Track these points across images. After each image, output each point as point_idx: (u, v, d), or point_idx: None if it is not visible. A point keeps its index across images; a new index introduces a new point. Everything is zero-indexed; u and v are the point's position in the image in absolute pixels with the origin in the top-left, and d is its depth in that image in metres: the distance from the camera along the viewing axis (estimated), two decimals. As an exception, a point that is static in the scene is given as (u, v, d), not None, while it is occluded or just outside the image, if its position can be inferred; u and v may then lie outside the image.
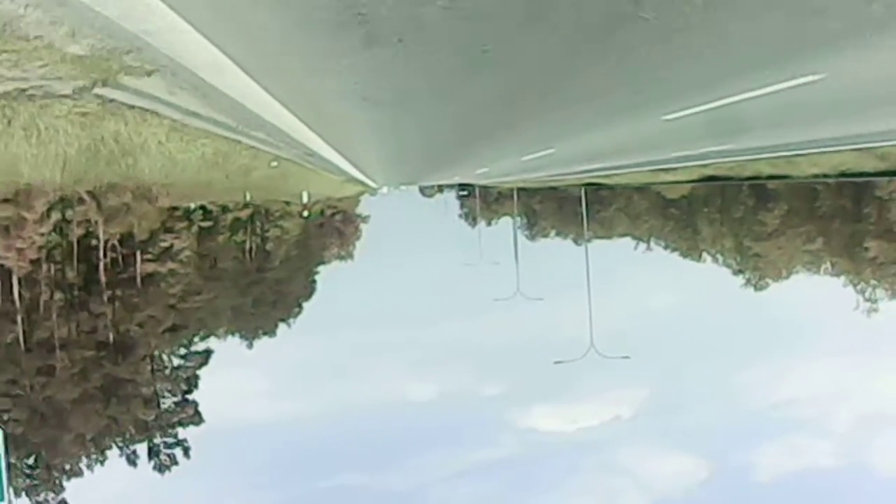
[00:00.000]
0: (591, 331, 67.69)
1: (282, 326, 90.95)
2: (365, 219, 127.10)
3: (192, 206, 70.08)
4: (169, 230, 67.45)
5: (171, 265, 67.70)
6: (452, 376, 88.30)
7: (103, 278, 59.74)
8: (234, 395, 75.59)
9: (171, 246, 67.65)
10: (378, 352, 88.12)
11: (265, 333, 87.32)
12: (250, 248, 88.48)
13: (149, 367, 65.31)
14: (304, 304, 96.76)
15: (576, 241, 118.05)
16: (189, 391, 68.79)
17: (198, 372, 69.72)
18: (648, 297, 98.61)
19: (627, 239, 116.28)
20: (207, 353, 71.82)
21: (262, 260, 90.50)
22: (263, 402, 78.50)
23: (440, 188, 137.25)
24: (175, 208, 67.07)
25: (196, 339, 72.03)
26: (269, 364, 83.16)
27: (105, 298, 59.64)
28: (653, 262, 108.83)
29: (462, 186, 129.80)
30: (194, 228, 72.04)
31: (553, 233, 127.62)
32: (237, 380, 77.15)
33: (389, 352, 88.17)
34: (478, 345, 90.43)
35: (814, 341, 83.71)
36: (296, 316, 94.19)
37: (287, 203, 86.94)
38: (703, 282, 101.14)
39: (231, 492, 69.82)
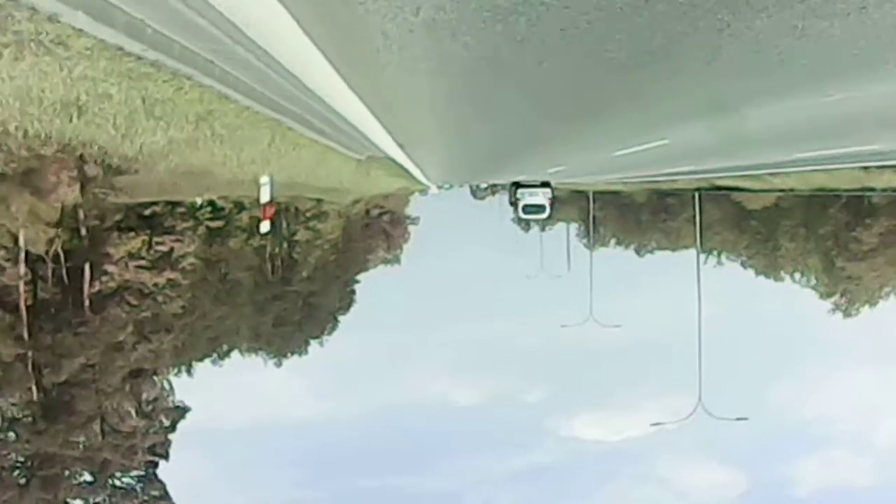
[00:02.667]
0: (699, 385, 52.86)
1: (313, 345, 76.25)
2: (414, 220, 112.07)
3: (199, 201, 53.73)
4: (168, 230, 51.20)
5: (169, 275, 51.33)
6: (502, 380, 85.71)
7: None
8: (269, 396, 72.25)
9: (171, 251, 51.30)
10: (423, 354, 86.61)
11: (293, 353, 71.29)
12: (272, 255, 70.50)
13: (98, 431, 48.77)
14: (341, 318, 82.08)
15: (637, 252, 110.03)
16: (155, 463, 52.52)
17: (169, 436, 53.31)
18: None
19: (693, 251, 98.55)
20: (182, 411, 55.49)
21: (286, 269, 72.75)
22: (305, 403, 75.94)
23: (493, 190, 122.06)
24: (175, 203, 51.00)
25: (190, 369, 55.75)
26: (310, 364, 76.34)
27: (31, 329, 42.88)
28: (722, 278, 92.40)
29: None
30: (201, 229, 55.48)
31: (613, 241, 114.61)
32: (269, 382, 72.63)
33: (435, 354, 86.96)
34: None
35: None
36: (330, 332, 79.36)
37: (319, 201, 68.73)
38: (783, 303, 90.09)
39: (272, 490, 66.82)
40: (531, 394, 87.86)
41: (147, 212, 51.67)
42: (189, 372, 62.84)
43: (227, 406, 67.76)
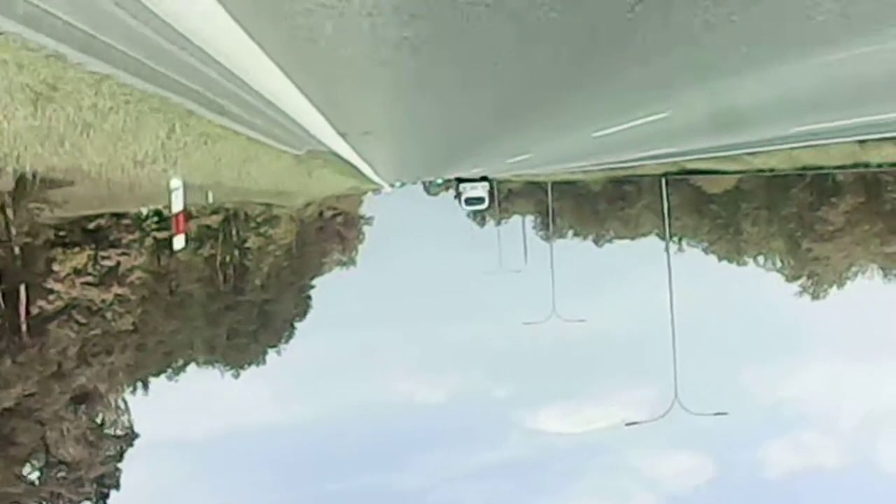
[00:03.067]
0: (675, 381, 50.57)
1: (272, 353, 73.28)
2: (368, 220, 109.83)
3: (144, 211, 50.57)
4: (114, 244, 48.00)
5: (117, 290, 48.14)
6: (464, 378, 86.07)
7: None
8: (231, 406, 70.45)
9: (118, 265, 48.11)
10: (385, 355, 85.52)
11: (250, 364, 68.21)
12: (222, 264, 67.10)
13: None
14: (298, 325, 79.62)
15: (596, 242, 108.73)
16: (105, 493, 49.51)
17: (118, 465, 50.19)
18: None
19: (654, 238, 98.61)
20: (130, 437, 52.46)
21: (238, 278, 69.34)
22: (270, 407, 75.17)
23: (447, 186, 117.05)
24: (120, 215, 47.84)
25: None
26: (270, 372, 74.73)
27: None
28: (687, 265, 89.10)
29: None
30: (148, 240, 52.24)
31: (570, 233, 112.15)
32: (230, 392, 70.51)
33: (397, 354, 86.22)
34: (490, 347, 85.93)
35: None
36: (287, 340, 76.78)
37: (268, 205, 65.29)
38: (749, 287, 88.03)
39: (240, 495, 67.61)
40: (498, 390, 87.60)
41: (91, 225, 48.44)
42: (145, 388, 59.94)
43: (189, 418, 66.71)
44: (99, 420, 52.61)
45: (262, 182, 38.40)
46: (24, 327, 42.40)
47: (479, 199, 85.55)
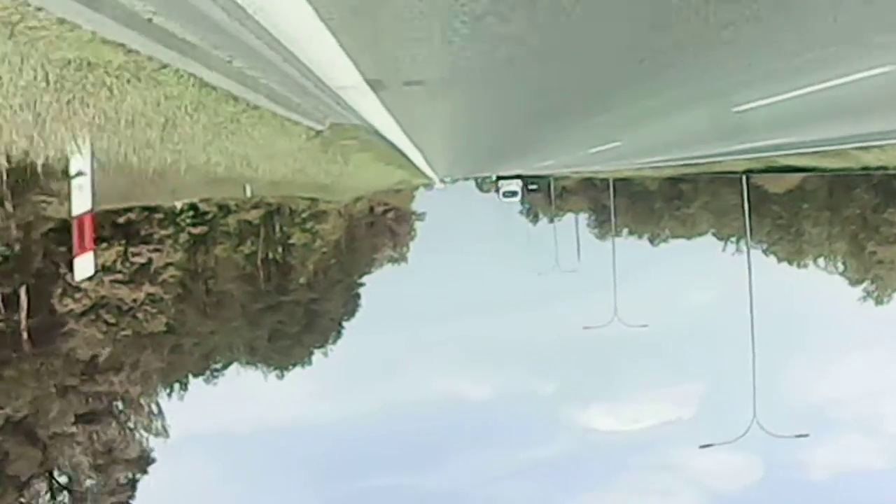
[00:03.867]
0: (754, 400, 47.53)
1: (317, 354, 70.32)
2: (420, 216, 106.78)
3: (179, 205, 47.21)
4: (145, 240, 44.73)
5: (148, 289, 44.81)
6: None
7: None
8: (276, 402, 68.13)
9: (149, 262, 44.79)
10: (434, 351, 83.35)
11: (295, 364, 64.84)
12: (263, 262, 63.22)
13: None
14: (346, 324, 75.81)
15: (651, 241, 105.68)
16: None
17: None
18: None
19: (710, 238, 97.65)
20: (145, 460, 49.27)
21: (281, 276, 65.45)
22: (314, 402, 72.28)
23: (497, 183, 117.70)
24: (152, 209, 44.58)
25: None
26: (321, 368, 72.08)
27: None
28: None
29: (531, 180, 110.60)
30: (183, 236, 48.87)
31: (626, 231, 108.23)
32: (274, 390, 67.45)
33: (445, 350, 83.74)
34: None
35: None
36: (334, 340, 72.97)
37: (314, 200, 61.31)
38: (811, 291, 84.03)
39: (284, 489, 66.20)
40: (549, 390, 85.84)
41: (121, 220, 45.12)
42: (184, 388, 56.74)
43: (229, 416, 65.00)
44: (116, 435, 48.87)
45: (286, 171, 34.76)
46: (24, 335, 38.70)
47: (514, 193, 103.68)
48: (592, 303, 76.66)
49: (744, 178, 66.32)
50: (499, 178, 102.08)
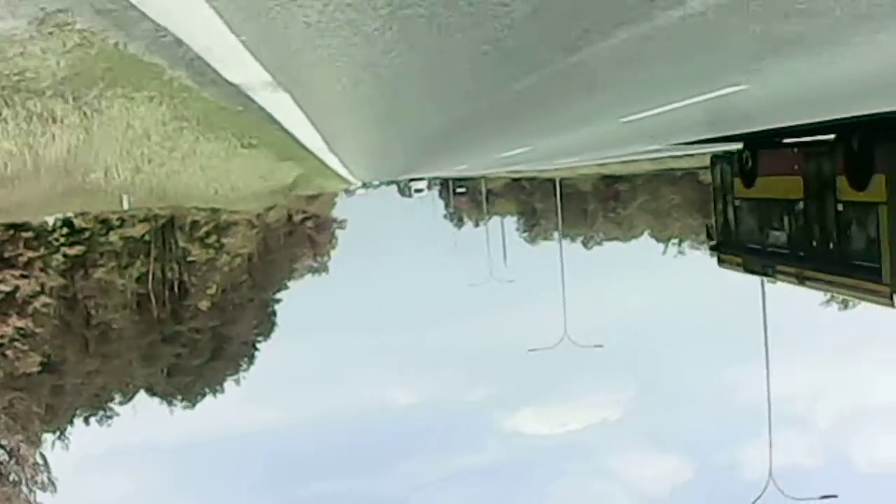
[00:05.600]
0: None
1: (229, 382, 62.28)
2: (341, 224, 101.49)
3: (51, 221, 37.96)
4: (10, 263, 35.51)
5: (16, 322, 35.57)
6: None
7: None
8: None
9: (16, 290, 35.56)
10: (360, 358, 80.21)
11: (203, 395, 55.89)
12: (156, 284, 52.63)
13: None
14: (261, 346, 67.89)
15: (585, 245, 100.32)
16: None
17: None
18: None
19: (646, 239, 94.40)
20: None
21: (179, 300, 55.05)
22: (244, 412, 68.30)
23: (429, 187, 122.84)
24: (17, 227, 35.36)
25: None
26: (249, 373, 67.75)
27: None
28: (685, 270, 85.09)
29: (458, 183, 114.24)
30: (56, 258, 39.53)
31: (557, 234, 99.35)
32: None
33: (372, 358, 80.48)
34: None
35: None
36: (247, 366, 64.61)
37: (214, 210, 51.45)
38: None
39: (215, 499, 65.01)
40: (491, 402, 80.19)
41: (-24, 240, 35.85)
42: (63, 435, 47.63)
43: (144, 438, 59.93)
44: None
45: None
46: None
47: (419, 190, 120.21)
48: (522, 308, 76.61)
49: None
50: (410, 179, 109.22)
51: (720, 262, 26.06)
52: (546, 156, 43.89)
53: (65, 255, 40.57)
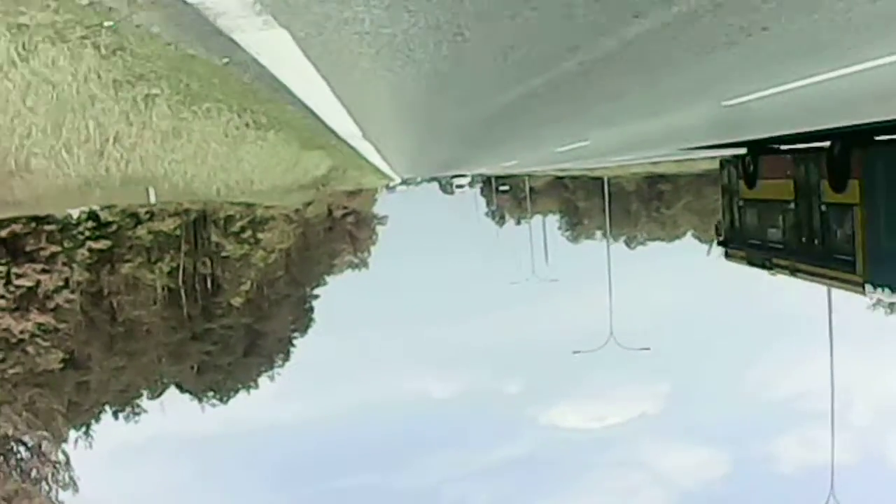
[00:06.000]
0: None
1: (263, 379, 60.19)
2: (382, 220, 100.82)
3: (75, 214, 36.48)
4: (32, 257, 34.04)
5: (37, 317, 34.12)
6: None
7: None
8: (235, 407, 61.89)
9: (37, 285, 34.09)
10: (399, 353, 77.78)
11: (236, 391, 54.27)
12: (187, 280, 50.55)
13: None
14: (297, 342, 65.78)
15: (628, 244, 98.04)
16: None
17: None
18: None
19: (689, 239, 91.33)
20: None
21: (211, 297, 53.15)
22: (278, 404, 66.43)
23: (472, 183, 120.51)
24: (40, 220, 33.89)
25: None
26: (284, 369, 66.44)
27: None
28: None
29: (502, 181, 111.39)
30: (81, 252, 38.01)
31: (599, 234, 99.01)
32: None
33: (411, 352, 78.21)
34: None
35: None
36: (283, 362, 62.32)
37: (249, 205, 49.55)
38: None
39: (248, 493, 61.79)
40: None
41: (3, 233, 34.35)
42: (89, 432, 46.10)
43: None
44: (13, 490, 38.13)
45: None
46: None
47: (461, 186, 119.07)
48: (565, 307, 75.30)
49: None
50: (453, 176, 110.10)
51: (727, 256, 27.79)
52: (601, 152, 43.46)
53: (90, 250, 39.18)
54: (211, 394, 54.39)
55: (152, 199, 31.84)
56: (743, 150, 26.89)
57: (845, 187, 19.71)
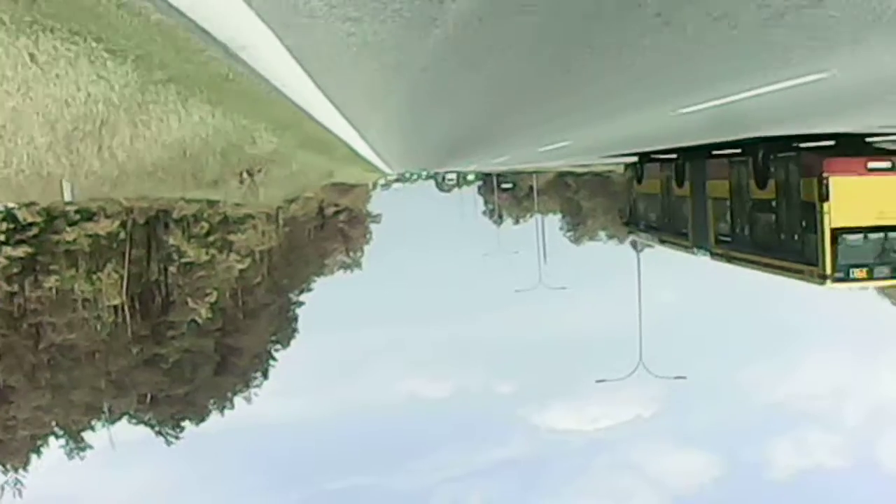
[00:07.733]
0: None
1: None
2: (376, 218, 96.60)
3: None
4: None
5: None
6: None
7: None
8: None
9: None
10: (393, 354, 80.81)
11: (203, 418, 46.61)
12: (132, 294, 41.39)
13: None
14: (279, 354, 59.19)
15: (635, 246, 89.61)
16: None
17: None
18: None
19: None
20: None
21: (164, 313, 43.80)
22: (274, 405, 64.73)
23: (458, 182, 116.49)
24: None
25: None
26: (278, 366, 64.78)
27: None
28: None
29: (504, 178, 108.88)
30: None
31: (604, 234, 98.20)
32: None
33: (405, 353, 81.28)
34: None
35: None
36: (260, 381, 55.33)
37: (211, 202, 40.54)
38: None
39: (241, 495, 63.30)
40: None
41: None
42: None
43: None
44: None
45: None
46: None
47: (452, 180, 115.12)
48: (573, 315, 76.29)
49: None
50: (447, 172, 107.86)
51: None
52: (585, 151, 41.71)
53: (7, 258, 30.82)
54: (169, 426, 45.76)
55: (67, 197, 23.83)
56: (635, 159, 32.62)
57: (766, 185, 22.94)
